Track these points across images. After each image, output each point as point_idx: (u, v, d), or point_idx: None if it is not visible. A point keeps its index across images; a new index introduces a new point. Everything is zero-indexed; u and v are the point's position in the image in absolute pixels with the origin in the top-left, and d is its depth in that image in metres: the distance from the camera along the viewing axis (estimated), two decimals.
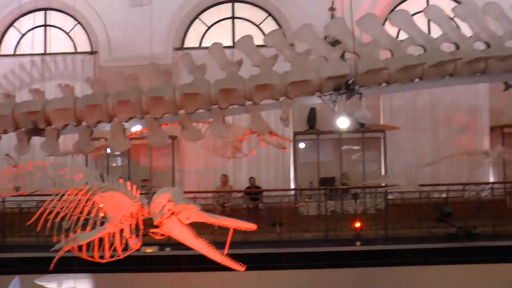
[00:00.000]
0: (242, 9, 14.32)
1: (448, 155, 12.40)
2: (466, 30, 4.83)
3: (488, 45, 4.62)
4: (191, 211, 3.97)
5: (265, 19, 14.16)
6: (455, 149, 12.97)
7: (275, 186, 13.13)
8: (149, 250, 9.50)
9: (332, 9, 12.81)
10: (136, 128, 7.88)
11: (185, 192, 12.55)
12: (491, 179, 13.36)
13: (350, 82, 4.14)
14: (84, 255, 4.37)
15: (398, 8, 13.31)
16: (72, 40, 14.45)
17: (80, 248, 4.28)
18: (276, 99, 4.46)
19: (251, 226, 3.94)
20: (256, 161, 13.23)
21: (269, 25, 13.82)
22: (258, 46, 4.75)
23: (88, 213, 4.31)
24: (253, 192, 12.52)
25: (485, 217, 10.79)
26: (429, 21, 4.87)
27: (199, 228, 4.22)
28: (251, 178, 12.79)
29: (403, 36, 4.72)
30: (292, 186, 13.40)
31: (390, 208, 11.60)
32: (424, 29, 4.71)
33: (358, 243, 10.13)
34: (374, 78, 4.35)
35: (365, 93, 4.37)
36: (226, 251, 3.94)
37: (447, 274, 9.95)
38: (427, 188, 11.63)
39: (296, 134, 13.49)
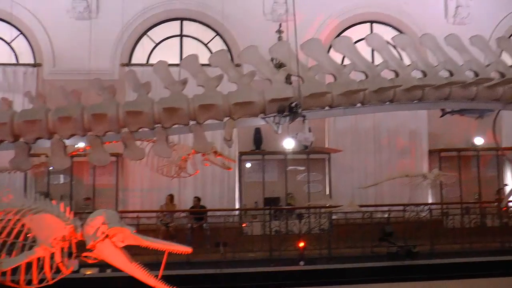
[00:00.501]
0: (190, 27, 14.35)
1: (388, 177, 12.78)
2: (406, 59, 5.03)
3: (424, 74, 4.81)
4: (125, 234, 3.86)
5: (213, 38, 14.23)
6: (396, 171, 13.43)
7: (220, 206, 13.06)
8: (88, 272, 9.14)
9: (279, 31, 13.01)
10: (80, 144, 7.66)
11: (128, 212, 12.27)
12: (430, 200, 13.90)
13: (293, 104, 4.19)
14: (8, 281, 4.11)
15: (343, 34, 13.73)
16: (14, 51, 13.93)
17: (4, 274, 4.02)
18: (220, 120, 4.44)
19: (186, 249, 3.88)
20: (201, 180, 13.14)
21: (217, 45, 13.91)
22: (204, 65, 4.74)
23: (17, 237, 4.09)
24: (198, 211, 12.37)
25: (424, 236, 11.18)
26: (372, 49, 5.01)
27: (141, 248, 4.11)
28: (195, 197, 12.65)
29: (347, 62, 4.85)
30: (237, 206, 13.37)
31: (334, 228, 11.79)
32: (368, 56, 4.85)
33: (302, 262, 10.17)
34: (317, 101, 4.42)
35: (309, 116, 4.44)
36: (160, 274, 3.84)
37: None
38: (370, 209, 11.95)
39: (242, 154, 13.54)
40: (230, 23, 14.01)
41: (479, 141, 14.12)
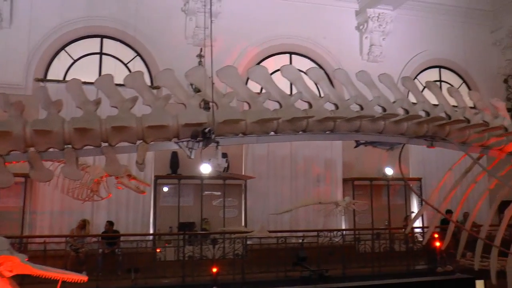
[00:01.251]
0: (111, 46, 14.00)
1: (302, 204, 13.09)
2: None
3: (336, 107, 5.01)
4: (14, 262, 3.65)
5: (133, 58, 14.00)
6: (311, 198, 13.75)
7: (134, 230, 12.66)
8: None
9: (200, 56, 13.11)
10: None
11: (34, 236, 11.52)
12: (343, 226, 14.36)
13: (207, 130, 4.19)
14: None
15: (261, 64, 14.06)
16: None
17: None
18: (133, 142, 4.34)
19: (82, 278, 3.72)
20: (115, 204, 12.69)
21: (137, 65, 13.70)
22: (120, 85, 4.64)
23: None
24: (110, 236, 11.92)
25: (336, 260, 11.53)
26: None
27: None
28: (107, 222, 12.16)
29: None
30: (151, 230, 13.03)
31: (248, 253, 11.83)
32: (287, 87, 4.98)
33: None
34: (231, 128, 4.46)
35: (222, 142, 4.46)
36: None
37: None
38: (285, 234, 12.13)
39: (157, 178, 13.26)
40: (151, 44, 13.89)
41: (389, 171, 14.91)
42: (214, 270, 10.21)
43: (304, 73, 5.04)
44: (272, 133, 4.70)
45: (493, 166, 6.85)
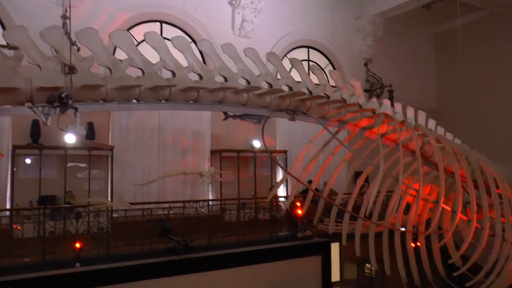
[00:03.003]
0: None
1: (166, 174, 13.04)
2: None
3: (200, 77, 5.01)
4: None
5: None
6: (180, 169, 13.73)
7: None
8: None
9: (64, 17, 12.18)
10: None
11: None
12: (210, 197, 14.61)
13: (64, 95, 3.94)
14: None
15: (130, 31, 13.56)
16: None
17: None
18: None
19: None
20: None
21: None
22: None
23: None
24: None
25: (203, 231, 11.74)
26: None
27: None
28: None
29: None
30: (8, 206, 12.05)
31: (114, 227, 11.52)
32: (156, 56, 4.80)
33: (77, 264, 9.72)
34: (90, 94, 4.25)
35: (81, 109, 4.24)
36: None
37: (168, 286, 10.40)
38: (152, 206, 12.01)
39: (15, 148, 12.25)
40: (12, 2, 12.59)
41: (256, 144, 15.44)
42: (77, 245, 9.82)
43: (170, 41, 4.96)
44: (134, 101, 4.57)
45: (349, 140, 7.45)
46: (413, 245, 7.44)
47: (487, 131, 19.08)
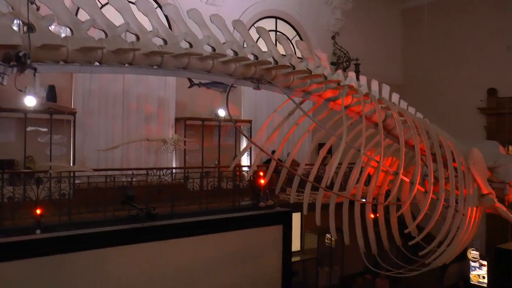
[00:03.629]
0: None
1: (129, 140, 12.88)
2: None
3: (165, 42, 4.92)
4: None
5: None
6: (144, 136, 13.56)
7: None
8: None
9: None
10: None
11: None
12: (174, 165, 14.55)
13: (21, 54, 3.80)
14: None
15: None
16: None
17: None
18: None
19: None
20: None
21: None
22: None
23: None
24: None
25: (166, 199, 11.74)
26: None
27: None
28: None
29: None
30: None
31: (76, 193, 11.36)
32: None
33: (38, 231, 9.59)
34: (50, 54, 4.11)
35: (41, 70, 4.11)
36: None
37: (130, 254, 10.41)
38: (116, 172, 11.88)
39: None
40: None
41: (221, 112, 15.38)
42: (38, 212, 9.65)
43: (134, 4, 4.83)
44: (97, 63, 4.46)
45: (313, 111, 7.51)
46: (372, 216, 7.66)
47: (449, 107, 19.61)
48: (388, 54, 21.67)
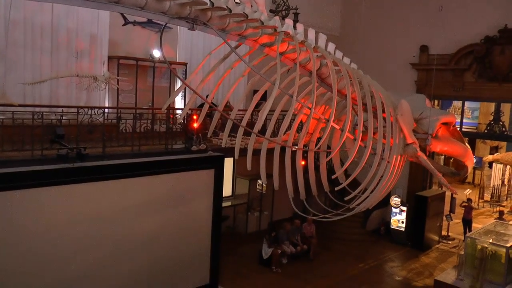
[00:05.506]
0: None
1: (57, 75, 12.32)
2: None
3: None
4: None
5: None
6: (74, 72, 12.98)
7: None
8: None
9: None
10: None
11: None
12: (106, 105, 14.13)
13: None
14: None
15: None
16: None
17: None
18: None
19: None
20: None
21: None
22: None
23: None
24: None
25: (97, 139, 11.45)
26: None
27: None
28: None
29: None
30: None
31: (0, 129, 10.82)
32: None
33: None
34: None
35: None
36: None
37: (58, 194, 10.13)
38: (44, 109, 11.39)
39: None
40: None
41: (156, 53, 14.97)
42: None
43: None
44: None
45: (249, 55, 7.44)
46: (303, 162, 7.87)
47: (383, 60, 20.18)
48: (327, 5, 21.69)
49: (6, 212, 9.36)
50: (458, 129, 11.22)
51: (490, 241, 14.09)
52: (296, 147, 7.49)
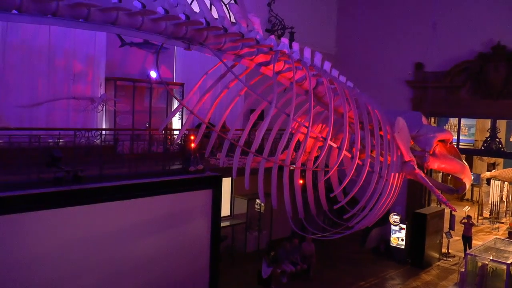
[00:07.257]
0: None
1: (54, 98, 12.33)
2: None
3: None
4: None
5: None
6: (71, 95, 13.01)
7: None
8: None
9: None
10: None
11: None
12: (103, 126, 14.11)
13: None
14: None
15: None
16: None
17: None
18: None
19: None
20: None
21: None
22: None
23: None
24: None
25: (94, 161, 11.37)
26: None
27: None
28: None
29: None
30: None
31: None
32: None
33: None
34: None
35: None
36: None
37: (55, 218, 10.05)
38: (40, 133, 11.35)
39: None
40: None
41: (153, 74, 15.02)
42: None
43: None
44: (16, 11, 4.16)
45: (245, 75, 7.47)
46: (301, 181, 7.83)
47: (379, 78, 20.34)
48: (322, 24, 21.89)
49: (2, 237, 9.28)
50: (455, 146, 11.23)
51: (491, 258, 13.99)
52: (294, 166, 7.47)
